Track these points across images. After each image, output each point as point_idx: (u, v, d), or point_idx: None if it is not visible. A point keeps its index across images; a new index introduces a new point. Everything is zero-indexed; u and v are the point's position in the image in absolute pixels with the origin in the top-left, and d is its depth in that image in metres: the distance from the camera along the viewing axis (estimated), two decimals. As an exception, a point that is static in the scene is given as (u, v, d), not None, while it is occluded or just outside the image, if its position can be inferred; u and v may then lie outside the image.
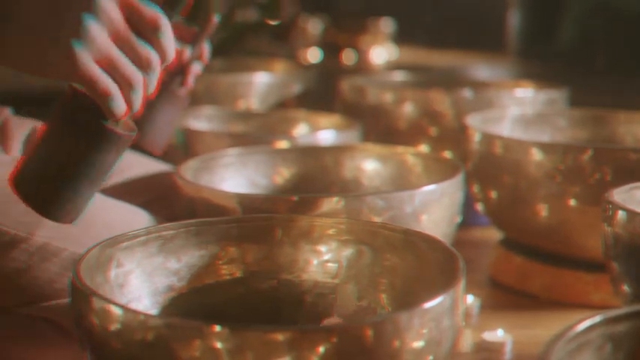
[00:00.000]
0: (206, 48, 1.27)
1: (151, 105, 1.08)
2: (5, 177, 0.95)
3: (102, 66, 0.68)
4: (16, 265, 0.92)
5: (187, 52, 1.18)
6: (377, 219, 0.96)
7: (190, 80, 1.15)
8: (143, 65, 0.70)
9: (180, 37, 1.28)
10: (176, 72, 1.15)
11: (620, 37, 3.52)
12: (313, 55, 3.96)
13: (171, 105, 1.15)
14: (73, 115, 0.71)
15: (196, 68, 1.16)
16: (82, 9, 0.66)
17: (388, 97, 1.63)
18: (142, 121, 1.09)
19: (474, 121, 1.35)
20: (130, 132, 0.74)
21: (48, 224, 0.92)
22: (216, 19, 1.24)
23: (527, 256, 1.31)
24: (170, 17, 0.72)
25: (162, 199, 1.14)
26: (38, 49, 0.67)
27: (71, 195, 0.72)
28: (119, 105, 0.69)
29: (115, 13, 0.67)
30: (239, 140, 1.34)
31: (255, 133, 1.56)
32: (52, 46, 0.66)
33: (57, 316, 0.93)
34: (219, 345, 0.61)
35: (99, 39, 0.66)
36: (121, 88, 0.70)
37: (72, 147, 0.71)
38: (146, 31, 0.69)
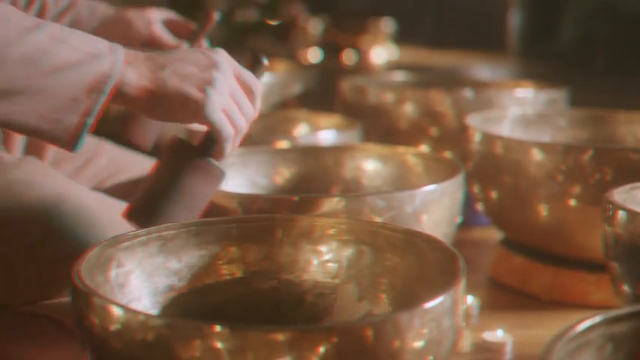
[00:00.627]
0: (204, 45, 1.27)
1: None
2: (6, 176, 0.95)
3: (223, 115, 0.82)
4: (18, 262, 0.92)
5: (184, 48, 1.17)
6: (377, 219, 0.96)
7: None
8: (246, 116, 0.85)
9: (178, 33, 1.28)
10: None
11: (620, 37, 3.52)
12: (313, 55, 3.96)
13: None
14: (184, 158, 0.84)
15: None
16: (211, 68, 0.82)
17: (388, 97, 1.63)
18: (132, 114, 1.09)
19: (474, 121, 1.35)
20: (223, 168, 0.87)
21: (49, 222, 0.92)
22: (215, 16, 1.24)
23: (528, 256, 1.31)
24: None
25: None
26: (179, 99, 0.81)
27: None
28: (230, 147, 0.83)
29: (231, 75, 0.84)
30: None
31: (255, 133, 1.56)
32: (189, 96, 0.80)
33: (59, 314, 0.93)
34: (219, 345, 0.61)
35: (223, 92, 0.82)
36: None
37: (184, 183, 0.83)
38: (246, 91, 0.85)
